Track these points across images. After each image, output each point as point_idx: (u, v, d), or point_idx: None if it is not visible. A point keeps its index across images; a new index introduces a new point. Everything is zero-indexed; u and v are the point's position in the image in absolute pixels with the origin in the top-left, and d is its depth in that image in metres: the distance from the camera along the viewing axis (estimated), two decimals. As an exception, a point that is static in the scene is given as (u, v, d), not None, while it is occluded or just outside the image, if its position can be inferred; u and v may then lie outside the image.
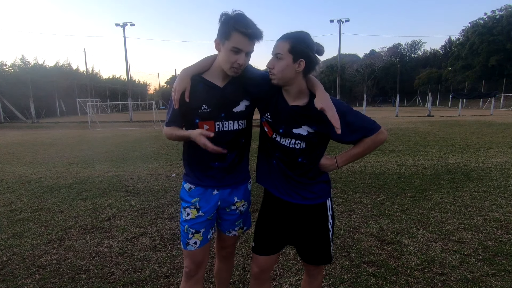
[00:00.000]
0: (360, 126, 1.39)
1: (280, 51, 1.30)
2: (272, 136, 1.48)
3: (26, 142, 10.90)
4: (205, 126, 1.45)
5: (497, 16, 41.35)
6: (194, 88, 1.43)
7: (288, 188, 1.48)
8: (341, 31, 27.49)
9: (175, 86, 1.41)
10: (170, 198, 4.19)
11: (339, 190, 4.37)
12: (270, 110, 1.47)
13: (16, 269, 2.49)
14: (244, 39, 1.28)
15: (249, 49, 1.34)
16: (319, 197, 1.49)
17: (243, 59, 1.33)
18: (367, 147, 1.42)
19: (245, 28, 1.27)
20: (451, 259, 2.50)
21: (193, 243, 1.52)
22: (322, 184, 1.51)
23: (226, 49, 1.33)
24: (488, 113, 23.80)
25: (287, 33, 1.33)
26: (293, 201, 1.49)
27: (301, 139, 1.42)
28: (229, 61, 1.34)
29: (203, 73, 1.47)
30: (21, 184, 5.04)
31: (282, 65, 1.31)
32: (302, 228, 1.52)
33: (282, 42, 1.31)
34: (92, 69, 43.45)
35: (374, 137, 1.39)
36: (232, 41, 1.29)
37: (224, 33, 1.31)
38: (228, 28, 1.29)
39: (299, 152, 1.44)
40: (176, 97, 1.40)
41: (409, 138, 9.82)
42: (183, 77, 1.42)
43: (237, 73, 1.39)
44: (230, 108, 1.47)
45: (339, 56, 31.24)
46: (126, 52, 25.30)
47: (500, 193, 4.13)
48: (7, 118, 25.43)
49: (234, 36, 1.28)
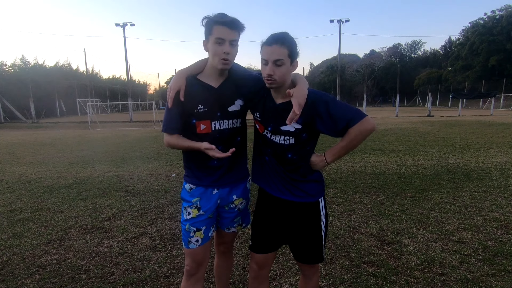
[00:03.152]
0: (342, 115, 1.36)
1: (280, 57, 1.30)
2: (263, 133, 1.51)
3: (26, 142, 10.90)
4: (201, 125, 1.49)
5: (497, 16, 41.34)
6: (190, 89, 1.48)
7: (280, 184, 1.50)
8: (341, 31, 27.55)
9: (170, 85, 1.47)
10: (170, 198, 4.19)
11: (339, 190, 4.37)
12: (259, 109, 1.51)
13: (16, 269, 2.49)
14: (223, 28, 1.36)
15: (231, 38, 1.38)
16: (310, 195, 1.50)
17: (228, 47, 1.38)
18: (353, 137, 1.37)
19: (222, 18, 1.36)
20: (451, 259, 2.51)
21: (194, 241, 1.55)
22: (313, 183, 1.51)
23: (211, 44, 1.40)
24: (488, 113, 23.80)
25: (277, 37, 1.32)
26: (283, 197, 1.50)
27: (290, 135, 1.44)
28: (216, 53, 1.40)
29: (197, 75, 1.52)
30: (21, 184, 5.04)
31: (283, 70, 1.33)
32: (295, 226, 1.53)
33: (279, 48, 1.30)
34: (92, 69, 43.43)
35: (358, 126, 1.34)
36: (214, 34, 1.38)
37: (207, 30, 1.41)
38: (209, 24, 1.39)
39: (288, 147, 1.45)
40: (172, 95, 1.44)
41: (409, 138, 9.82)
42: (178, 77, 1.47)
43: (226, 64, 1.42)
44: (225, 107, 1.52)
45: (339, 56, 31.26)
46: (126, 52, 25.32)
47: (500, 193, 4.13)
48: (7, 118, 25.42)
49: (215, 28, 1.37)
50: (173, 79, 1.48)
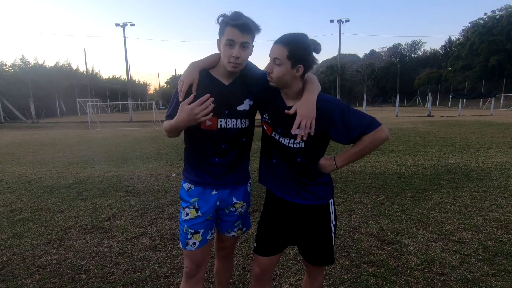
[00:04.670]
0: (357, 124, 1.35)
1: (278, 56, 1.29)
2: (271, 135, 1.48)
3: (26, 142, 10.90)
4: (207, 122, 1.45)
5: (497, 16, 41.34)
6: (201, 83, 1.44)
7: (289, 188, 1.48)
8: (341, 31, 27.49)
9: (183, 78, 1.42)
10: (170, 198, 4.19)
11: (339, 190, 4.37)
12: (268, 111, 1.48)
13: (16, 269, 2.49)
14: (235, 30, 1.32)
15: (242, 40, 1.33)
16: (320, 198, 1.48)
17: (238, 51, 1.34)
18: (366, 145, 1.36)
19: (235, 20, 1.31)
20: (451, 259, 2.50)
21: (192, 244, 1.53)
22: (322, 185, 1.49)
23: (223, 45, 1.37)
24: (488, 113, 23.79)
25: (284, 37, 1.31)
26: (294, 200, 1.48)
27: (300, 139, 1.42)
28: (226, 55, 1.36)
29: (210, 69, 1.49)
30: (21, 184, 5.04)
31: (280, 70, 1.31)
32: (305, 229, 1.51)
33: (279, 47, 1.29)
34: (92, 69, 43.40)
35: (372, 134, 1.34)
36: (225, 35, 1.34)
37: (220, 30, 1.38)
38: (222, 24, 1.36)
39: (298, 151, 1.43)
40: (184, 88, 1.41)
41: (409, 138, 9.82)
42: (192, 70, 1.43)
43: (235, 68, 1.38)
44: (234, 106, 1.48)
45: (339, 56, 31.24)
46: (126, 52, 25.30)
47: (500, 193, 4.13)
48: (7, 118, 25.42)
49: (227, 30, 1.33)
50: (186, 72, 1.43)
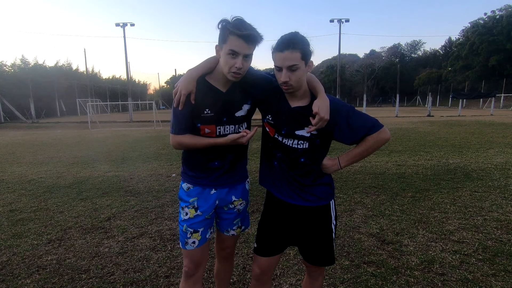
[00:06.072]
0: (361, 125, 1.38)
1: (294, 62, 1.25)
2: (274, 136, 1.48)
3: (26, 142, 10.90)
4: (206, 129, 1.45)
5: (497, 16, 41.32)
6: (198, 92, 1.42)
7: (290, 190, 1.48)
8: (341, 31, 27.50)
9: (181, 88, 1.38)
10: (170, 198, 4.19)
11: (339, 190, 4.37)
12: (271, 112, 1.46)
13: (16, 269, 2.49)
14: (240, 41, 1.27)
15: (246, 52, 1.30)
16: (321, 199, 1.48)
17: (241, 62, 1.30)
18: (369, 145, 1.40)
19: (241, 30, 1.26)
20: (451, 259, 2.50)
21: (191, 243, 1.53)
22: (323, 186, 1.49)
23: (224, 53, 1.32)
24: (488, 113, 23.79)
25: (288, 41, 1.26)
26: (294, 202, 1.48)
27: (304, 140, 1.42)
28: (228, 64, 1.32)
29: (207, 75, 1.45)
30: (21, 184, 5.04)
31: (299, 74, 1.29)
32: (306, 230, 1.51)
33: (292, 53, 1.24)
34: (92, 69, 43.42)
35: (376, 135, 1.38)
36: (228, 44, 1.29)
37: (222, 38, 1.32)
38: (225, 32, 1.29)
39: (302, 152, 1.43)
40: (182, 99, 1.38)
41: (409, 138, 9.82)
42: (189, 80, 1.39)
43: (236, 78, 1.36)
44: (232, 113, 1.48)
45: (339, 56, 31.23)
46: (126, 52, 25.30)
47: (500, 193, 4.13)
48: (7, 118, 25.40)
49: (230, 39, 1.28)
50: (182, 81, 1.39)
